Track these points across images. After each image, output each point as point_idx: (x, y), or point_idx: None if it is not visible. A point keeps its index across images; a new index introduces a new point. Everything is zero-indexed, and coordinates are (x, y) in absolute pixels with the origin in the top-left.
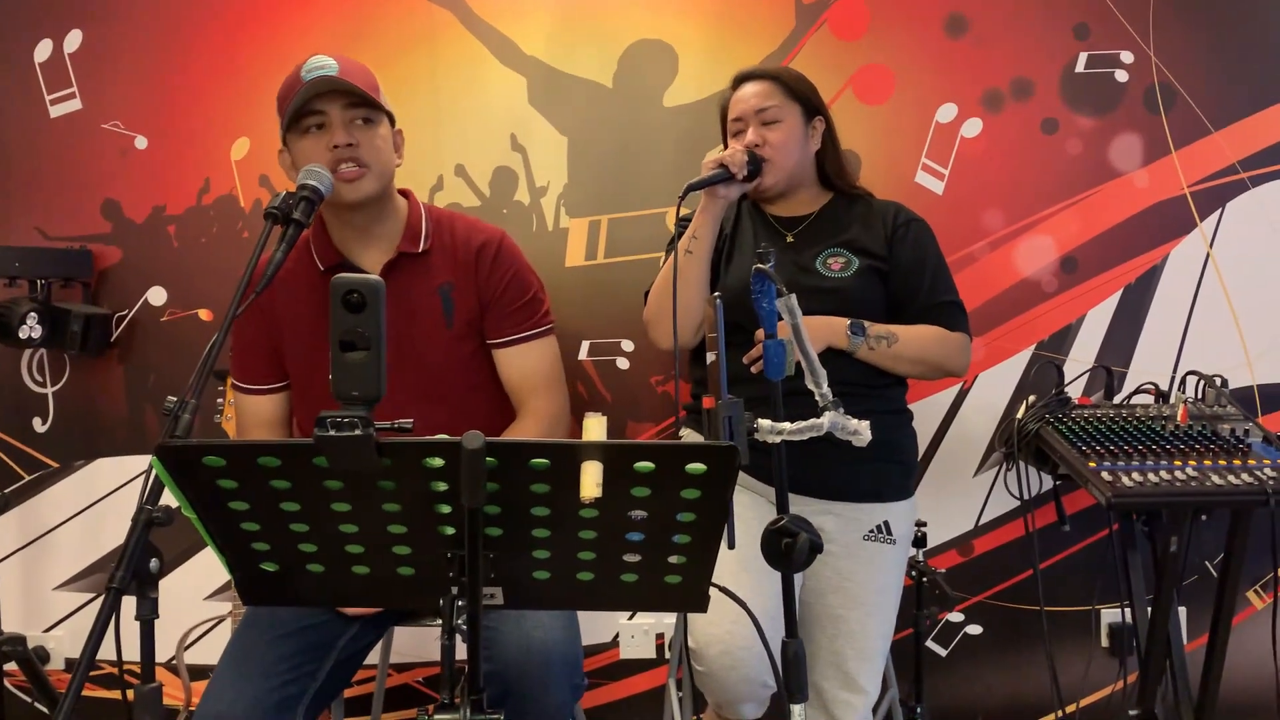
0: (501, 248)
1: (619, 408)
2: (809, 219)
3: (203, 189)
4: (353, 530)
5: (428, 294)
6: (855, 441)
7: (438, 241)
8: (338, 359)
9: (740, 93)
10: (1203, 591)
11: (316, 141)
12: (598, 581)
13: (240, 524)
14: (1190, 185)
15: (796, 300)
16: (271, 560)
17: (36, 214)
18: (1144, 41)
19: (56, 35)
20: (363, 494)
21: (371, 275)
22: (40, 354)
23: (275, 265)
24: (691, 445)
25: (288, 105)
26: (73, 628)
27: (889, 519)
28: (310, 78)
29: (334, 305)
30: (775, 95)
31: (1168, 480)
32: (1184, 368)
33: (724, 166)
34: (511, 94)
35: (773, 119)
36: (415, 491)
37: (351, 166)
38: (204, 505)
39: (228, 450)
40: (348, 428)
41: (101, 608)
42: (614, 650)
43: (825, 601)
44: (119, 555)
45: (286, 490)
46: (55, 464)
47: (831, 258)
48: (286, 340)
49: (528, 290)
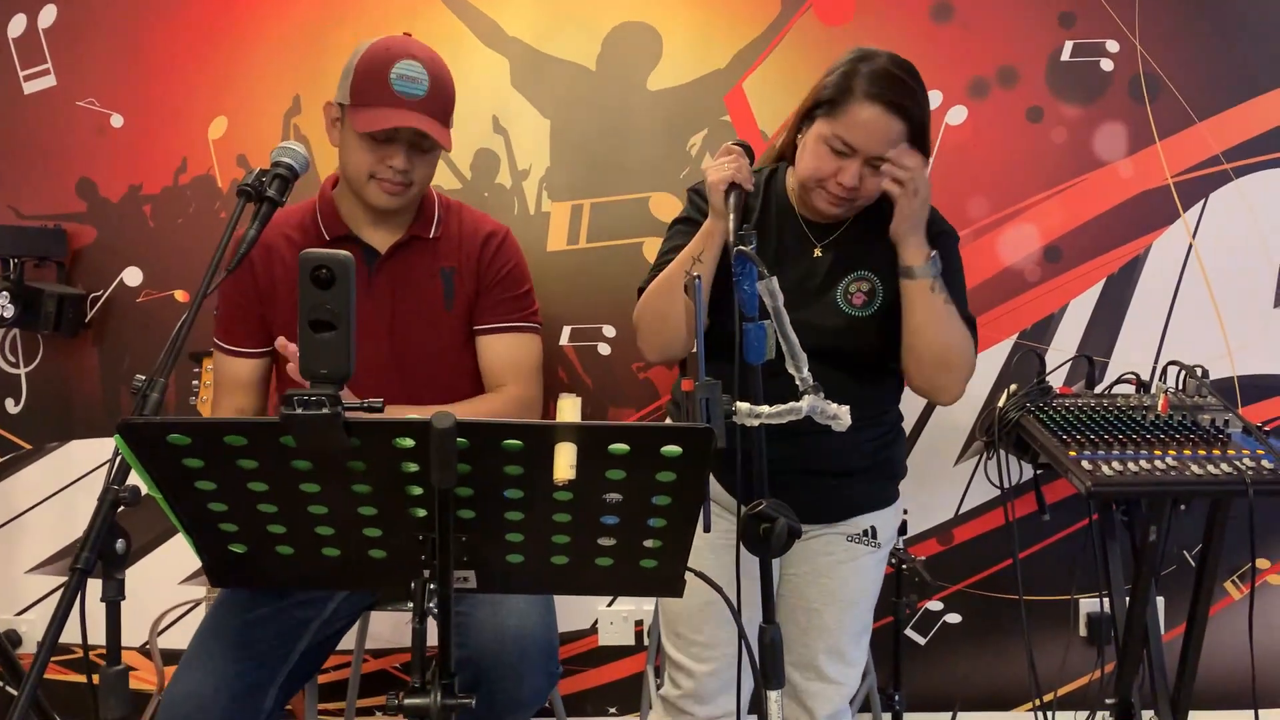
0: (506, 240)
1: (600, 394)
2: (842, 229)
3: (179, 169)
4: (322, 511)
5: (430, 275)
6: (835, 426)
7: (446, 228)
8: (306, 336)
9: (870, 119)
10: (1181, 581)
11: (374, 151)
12: (572, 565)
13: (207, 504)
14: (1174, 175)
15: (778, 283)
16: (240, 541)
17: (10, 192)
18: (1130, 31)
19: (30, 9)
20: (332, 474)
21: (340, 251)
22: (13, 334)
23: (249, 242)
24: (666, 427)
25: (364, 93)
26: (45, 611)
27: (875, 524)
28: (400, 89)
29: (302, 281)
30: (901, 142)
31: (1147, 470)
32: (1165, 358)
33: (737, 186)
34: (493, 75)
35: (881, 163)
36: (386, 472)
37: (397, 185)
38: (170, 485)
39: (192, 428)
40: (315, 406)
41: (65, 589)
42: (593, 637)
43: (802, 595)
44: (84, 536)
45: (254, 470)
46: (28, 445)
47: (855, 283)
48: (279, 307)
49: (521, 284)
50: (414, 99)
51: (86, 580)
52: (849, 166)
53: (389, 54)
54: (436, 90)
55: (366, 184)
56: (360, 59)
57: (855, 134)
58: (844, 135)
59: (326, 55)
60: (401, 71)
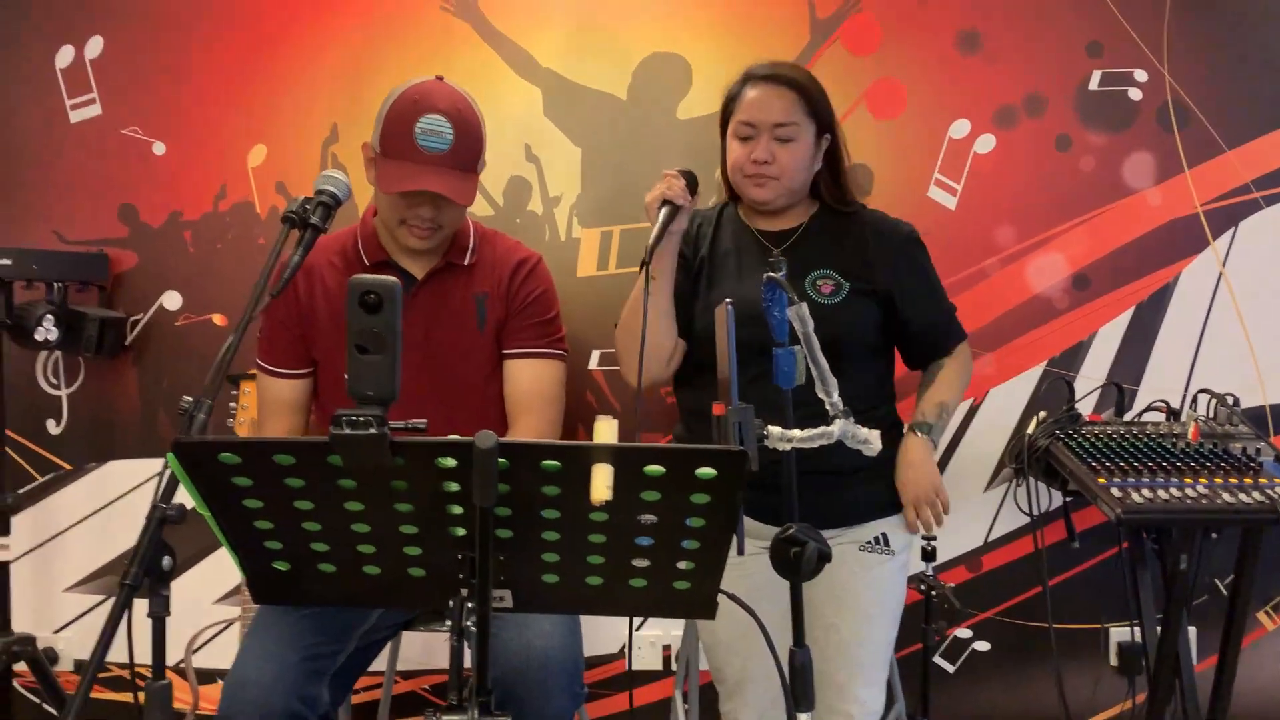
0: (538, 267)
1: (628, 418)
2: (796, 233)
3: (219, 195)
4: (365, 530)
5: (465, 301)
6: (866, 450)
7: (481, 256)
8: (354, 359)
9: (758, 95)
10: (1213, 611)
11: (404, 200)
12: (606, 586)
13: (254, 522)
14: (1203, 204)
15: (808, 309)
16: (284, 559)
17: (55, 218)
18: (1158, 60)
19: (78, 41)
20: (376, 493)
21: (387, 277)
22: (55, 356)
23: (293, 268)
24: (702, 449)
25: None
26: (82, 629)
27: (886, 531)
28: (424, 144)
29: (350, 305)
30: (796, 110)
31: (1178, 497)
32: (1195, 386)
33: (668, 202)
34: (527, 105)
35: (789, 136)
36: (427, 492)
37: (427, 230)
38: (218, 503)
39: (243, 447)
40: (362, 426)
41: (115, 604)
42: (620, 661)
43: (819, 612)
44: (132, 552)
45: (300, 489)
46: (68, 466)
47: (821, 280)
48: (320, 328)
49: (549, 310)
50: (437, 153)
51: (134, 596)
52: (757, 144)
53: (415, 107)
54: (461, 142)
55: (398, 228)
56: (390, 108)
57: (750, 111)
58: (743, 118)
59: (364, 85)
60: (426, 126)
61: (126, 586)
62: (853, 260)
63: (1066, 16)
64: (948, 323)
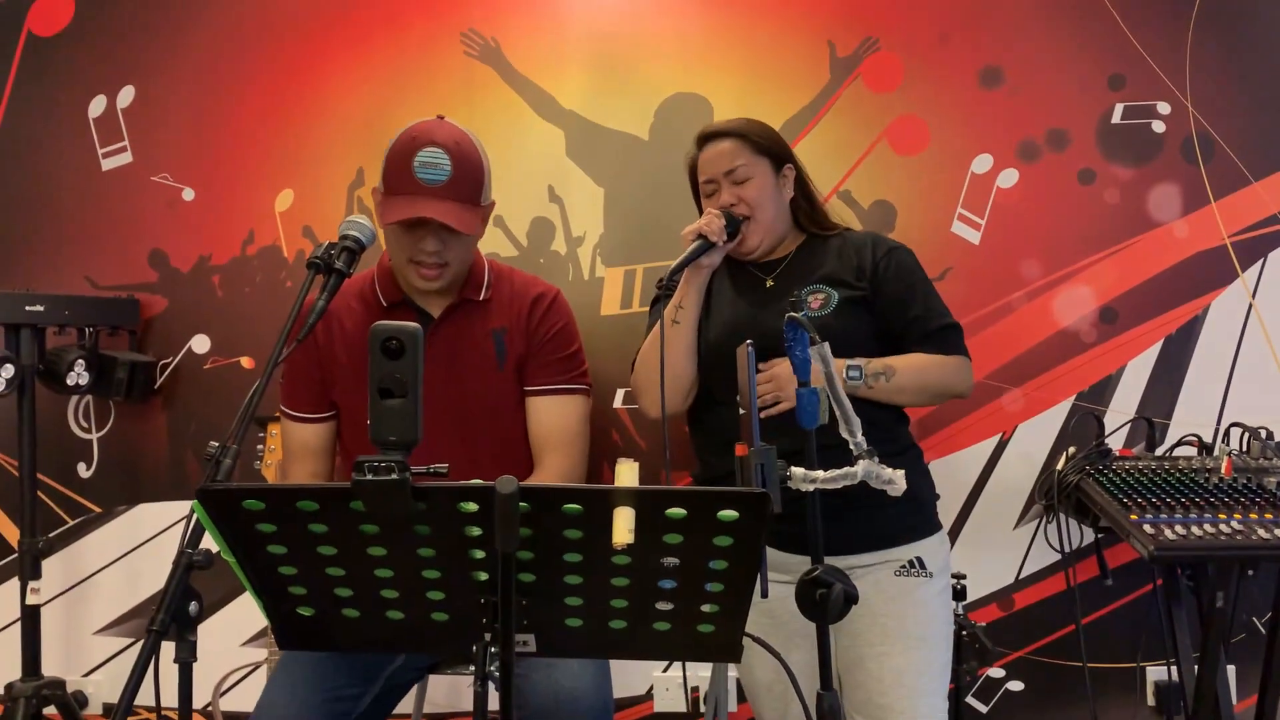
0: (556, 301)
1: (653, 456)
2: (786, 260)
3: (247, 240)
4: (388, 575)
5: (483, 336)
6: (890, 491)
7: (497, 291)
8: (375, 404)
9: (706, 154)
10: (1252, 649)
11: (409, 234)
12: (630, 630)
13: (278, 568)
14: (1231, 235)
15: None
16: (308, 605)
17: (86, 264)
18: (1180, 92)
19: (110, 91)
20: (398, 538)
21: (409, 324)
22: (86, 400)
23: (318, 313)
24: (724, 491)
25: (392, 182)
26: (111, 672)
27: (920, 554)
28: (422, 177)
29: (372, 351)
30: (741, 153)
31: (1212, 534)
32: (1228, 419)
33: (703, 237)
34: (550, 146)
35: (743, 177)
36: (450, 536)
37: (433, 268)
38: (243, 549)
39: (267, 494)
40: (384, 472)
41: (142, 650)
42: (648, 703)
43: (868, 642)
44: (159, 598)
45: (324, 534)
46: (98, 509)
47: (811, 295)
48: (340, 372)
49: (570, 344)
50: (436, 185)
51: (161, 641)
52: (721, 192)
53: (414, 142)
54: (460, 173)
55: (405, 267)
56: (391, 147)
57: (706, 169)
58: (703, 178)
59: (389, 129)
60: (424, 159)
61: (154, 633)
62: (839, 270)
63: (1088, 50)
64: (938, 329)
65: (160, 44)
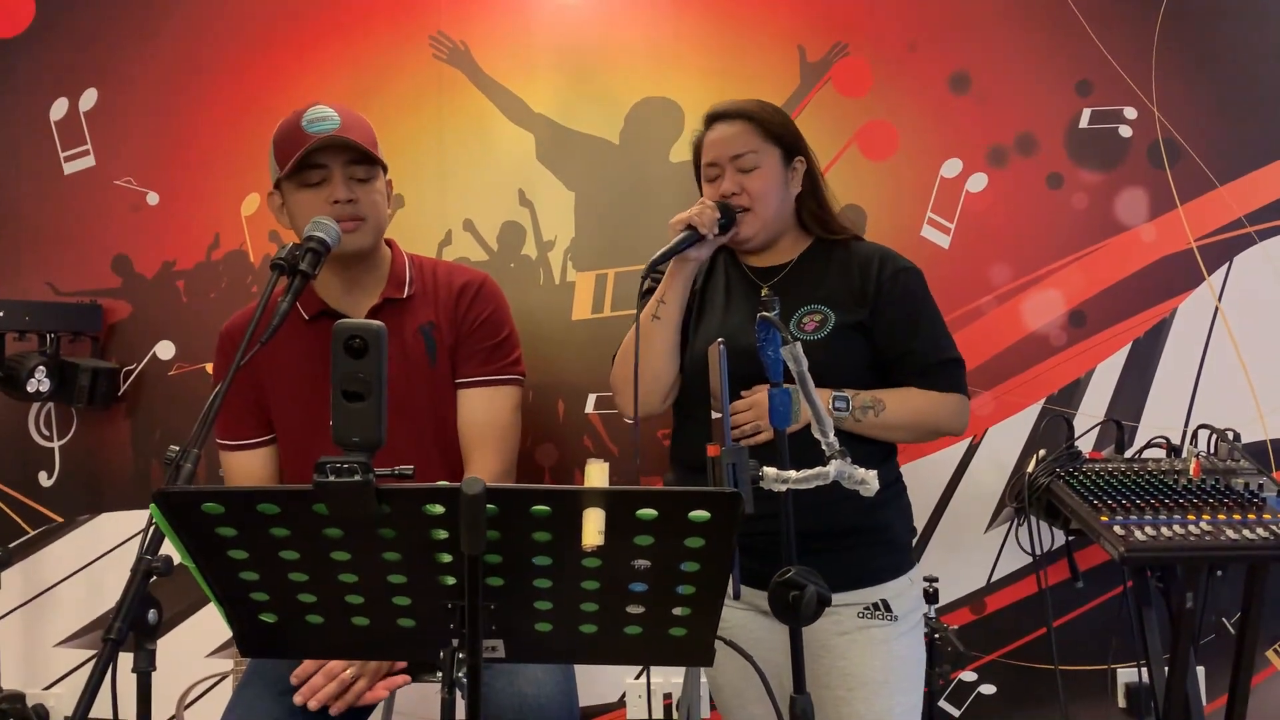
0: (483, 288)
1: (625, 461)
2: (786, 269)
3: (212, 244)
4: (352, 580)
5: (411, 335)
6: (863, 491)
7: (420, 286)
8: (339, 404)
9: (713, 134)
10: (1221, 650)
11: (316, 195)
12: (601, 634)
13: (239, 573)
14: (1197, 239)
15: (801, 349)
16: (271, 611)
17: (48, 268)
18: (1147, 97)
19: (73, 94)
20: (363, 542)
21: (373, 322)
22: (48, 408)
23: (281, 315)
24: (695, 491)
25: (286, 151)
26: (73, 685)
27: (885, 597)
28: (314, 130)
29: (335, 351)
30: (752, 138)
31: (1181, 535)
32: (1195, 421)
33: (691, 228)
34: (520, 150)
35: (750, 165)
36: (415, 540)
37: (349, 220)
38: (203, 554)
39: (227, 496)
40: (347, 474)
41: (98, 660)
42: (620, 710)
43: (829, 687)
44: (116, 606)
45: (286, 538)
46: (59, 519)
47: (807, 316)
48: (273, 390)
49: (500, 332)
50: (328, 131)
51: (118, 651)
52: (724, 179)
53: (297, 113)
54: (350, 120)
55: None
56: (276, 132)
57: (711, 151)
58: (707, 160)
59: None
60: (312, 116)
61: (110, 642)
62: (841, 291)
63: (1056, 56)
64: (938, 363)
65: (124, 46)
